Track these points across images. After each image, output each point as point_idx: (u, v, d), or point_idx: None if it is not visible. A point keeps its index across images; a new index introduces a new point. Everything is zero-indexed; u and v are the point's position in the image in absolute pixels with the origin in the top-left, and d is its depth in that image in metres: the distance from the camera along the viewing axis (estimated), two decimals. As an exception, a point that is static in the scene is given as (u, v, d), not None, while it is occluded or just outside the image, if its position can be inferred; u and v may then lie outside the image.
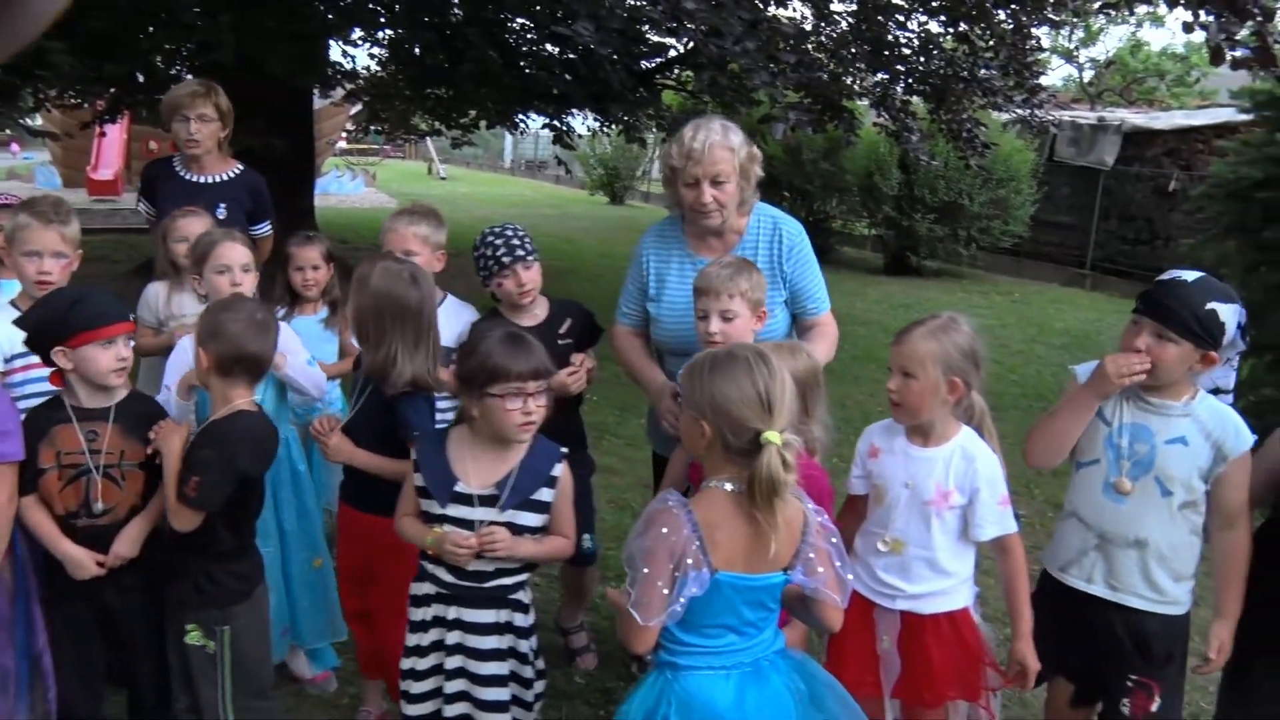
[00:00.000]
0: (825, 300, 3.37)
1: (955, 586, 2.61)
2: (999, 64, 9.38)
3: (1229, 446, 2.47)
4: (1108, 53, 27.56)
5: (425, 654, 2.67)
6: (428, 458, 2.64)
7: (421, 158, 35.40)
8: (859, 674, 2.65)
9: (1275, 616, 2.50)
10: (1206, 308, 2.44)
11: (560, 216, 20.36)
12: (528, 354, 2.53)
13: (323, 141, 17.12)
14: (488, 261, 3.35)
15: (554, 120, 10.36)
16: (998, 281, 14.48)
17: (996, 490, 2.56)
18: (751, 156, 3.18)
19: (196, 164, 4.33)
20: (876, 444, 2.72)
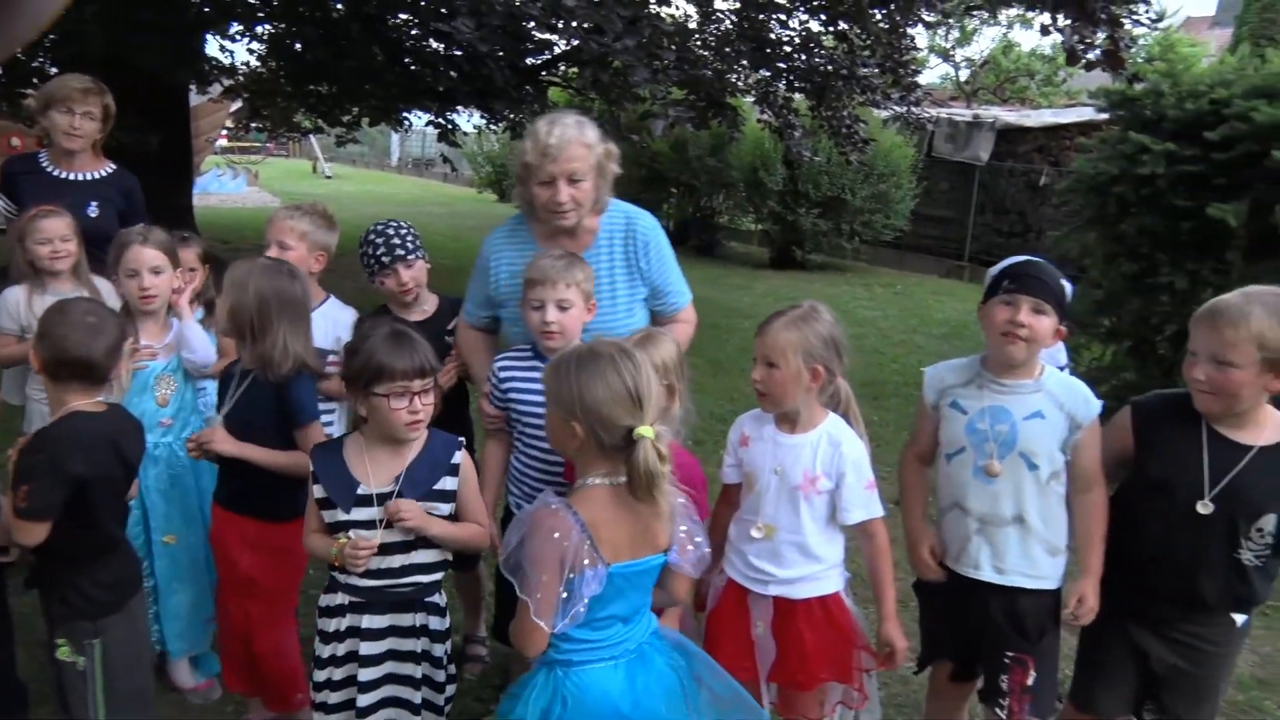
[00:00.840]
0: (686, 293, 3.30)
1: (826, 571, 2.69)
2: (876, 62, 9.64)
3: (1081, 415, 2.61)
4: (982, 53, 28.46)
5: (341, 664, 2.63)
6: (325, 466, 2.61)
7: (306, 156, 34.65)
8: (735, 659, 2.71)
9: (1117, 585, 2.64)
10: (1062, 282, 2.63)
11: (448, 214, 20.17)
12: (411, 351, 2.52)
13: (201, 139, 16.58)
14: (369, 260, 3.36)
15: (438, 118, 10.27)
16: (880, 274, 14.84)
17: (862, 475, 2.65)
18: (609, 154, 3.07)
19: (67, 160, 4.18)
20: (747, 432, 2.78)
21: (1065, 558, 2.71)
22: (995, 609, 2.70)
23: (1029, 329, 2.56)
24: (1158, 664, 2.63)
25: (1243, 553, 2.50)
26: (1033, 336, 2.57)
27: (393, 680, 2.63)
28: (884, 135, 13.40)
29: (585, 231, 3.13)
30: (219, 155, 27.31)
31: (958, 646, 2.86)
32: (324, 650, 2.64)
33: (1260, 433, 2.51)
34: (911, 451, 2.95)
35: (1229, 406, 2.48)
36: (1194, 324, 2.51)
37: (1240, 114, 5.16)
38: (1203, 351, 2.46)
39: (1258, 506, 2.47)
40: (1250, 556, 2.50)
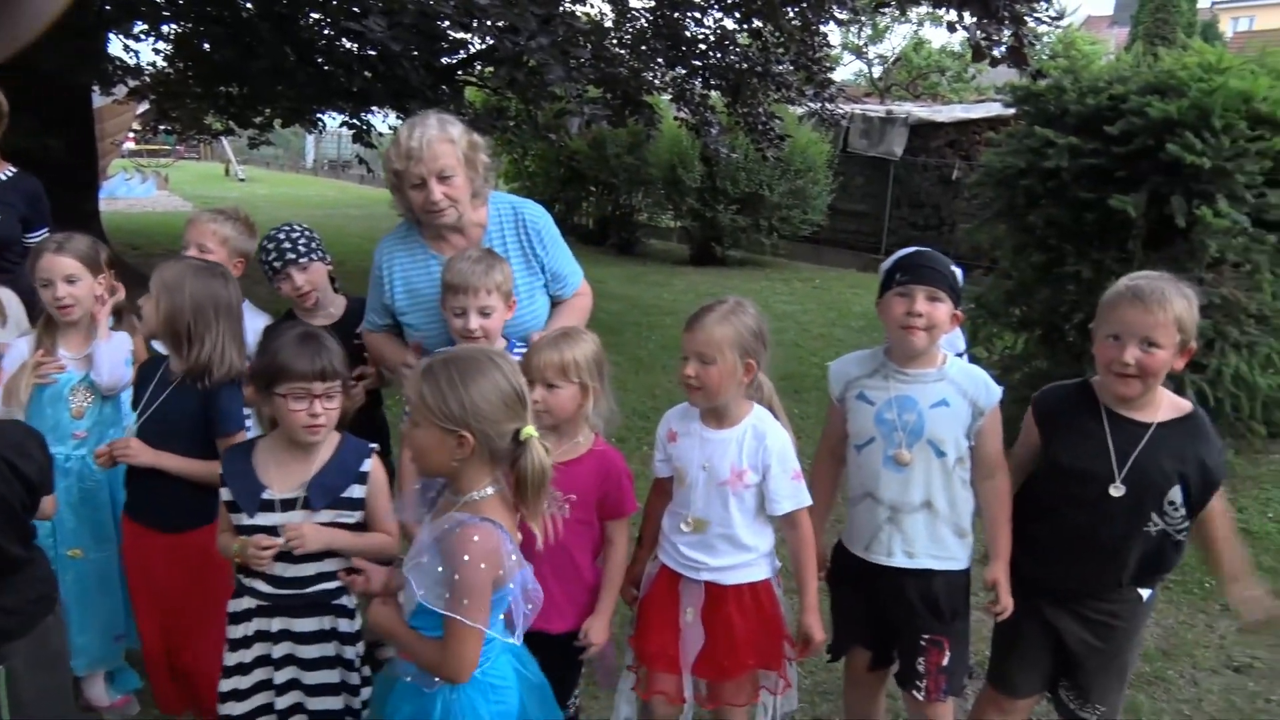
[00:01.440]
0: (578, 272, 3.35)
1: (756, 559, 2.74)
2: (790, 59, 9.75)
3: (983, 401, 2.69)
4: (894, 50, 28.96)
5: (249, 671, 2.57)
6: (234, 469, 2.57)
7: (218, 158, 33.91)
8: (660, 646, 2.76)
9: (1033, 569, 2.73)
10: (952, 268, 2.70)
11: (365, 217, 19.90)
12: (316, 353, 2.48)
13: (107, 142, 16.13)
14: (265, 265, 3.33)
15: (353, 118, 10.12)
16: (799, 269, 15.03)
17: (788, 465, 2.69)
18: (473, 145, 3.07)
19: None
20: (674, 428, 2.81)
21: (971, 539, 2.79)
22: (910, 593, 2.76)
23: (926, 317, 2.62)
24: (1071, 641, 2.71)
25: (1156, 527, 2.58)
26: (931, 324, 2.63)
27: (300, 686, 2.59)
28: (800, 131, 13.56)
29: (473, 226, 3.15)
30: (126, 159, 26.61)
31: (871, 634, 2.92)
32: (230, 658, 2.58)
33: (1156, 411, 2.60)
34: (824, 446, 3.00)
35: (1148, 388, 2.55)
36: (1113, 307, 2.55)
37: (1136, 109, 5.34)
38: (1132, 334, 2.49)
39: (1164, 481, 2.55)
40: (1169, 529, 2.59)
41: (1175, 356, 2.51)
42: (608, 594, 2.77)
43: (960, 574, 2.79)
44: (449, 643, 2.08)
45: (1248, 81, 5.24)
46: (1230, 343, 5.41)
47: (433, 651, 2.12)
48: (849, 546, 2.89)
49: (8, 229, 3.90)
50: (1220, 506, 2.67)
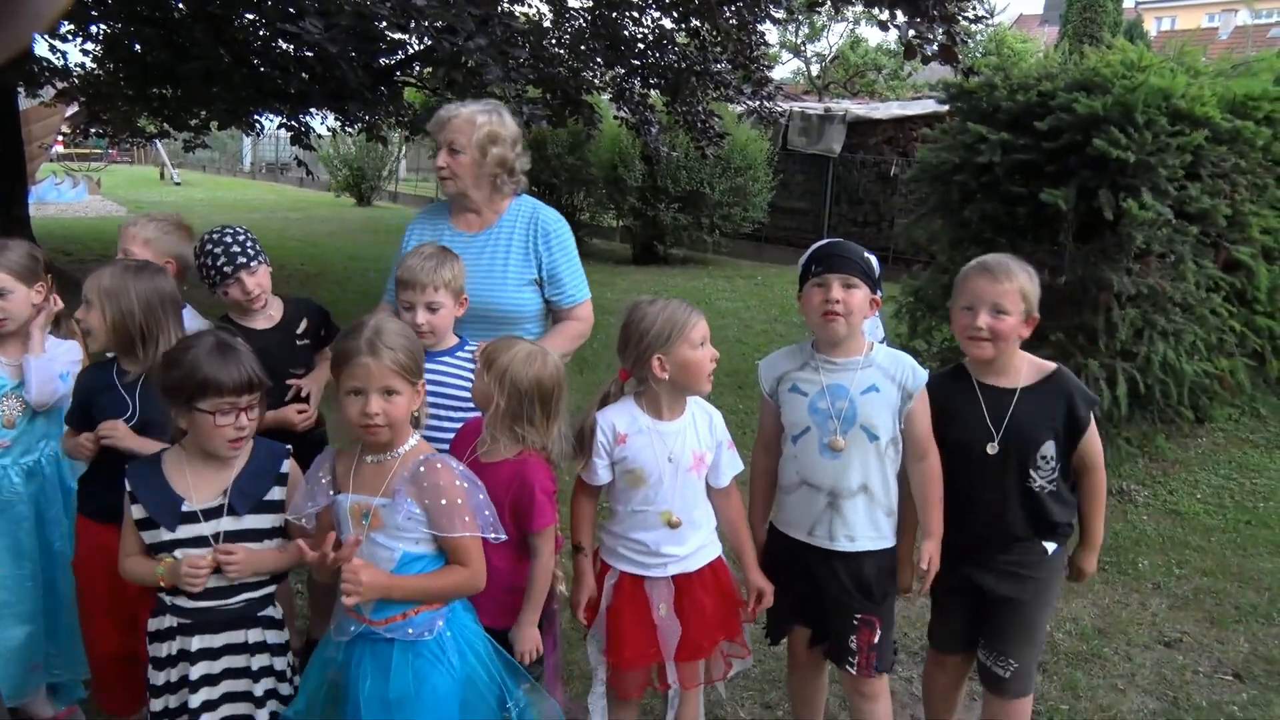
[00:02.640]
0: (583, 290, 3.50)
1: (710, 536, 2.84)
2: (728, 58, 9.84)
3: (910, 384, 2.79)
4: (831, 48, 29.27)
5: (176, 690, 2.49)
6: (144, 485, 2.48)
7: (153, 162, 33.33)
8: (640, 647, 2.78)
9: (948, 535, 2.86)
10: (865, 255, 2.80)
11: (305, 220, 19.72)
12: (238, 365, 2.41)
13: (35, 145, 15.79)
14: (209, 271, 3.21)
15: (290, 120, 10.04)
16: (741, 266, 15.15)
17: (726, 437, 2.83)
18: (491, 137, 3.29)
19: None
20: (622, 431, 2.74)
21: (895, 517, 2.90)
22: (843, 575, 2.84)
23: (843, 303, 2.71)
24: (990, 593, 2.87)
25: (1032, 482, 2.81)
26: (849, 310, 2.72)
27: (232, 700, 2.51)
28: (739, 130, 13.67)
29: (490, 212, 3.42)
30: (55, 163, 26.04)
31: (808, 614, 2.99)
32: (158, 677, 2.51)
33: (1018, 376, 2.84)
34: (759, 441, 3.05)
35: (1000, 351, 2.78)
36: (966, 281, 2.83)
37: (1064, 105, 5.48)
38: (983, 302, 2.76)
39: (1034, 438, 2.79)
40: (1043, 482, 2.81)
41: (1021, 324, 2.77)
42: (531, 605, 2.71)
43: (888, 553, 2.88)
44: (470, 559, 2.38)
45: (1167, 79, 5.40)
46: (1158, 331, 5.57)
47: (454, 575, 2.39)
48: (785, 531, 2.95)
49: None
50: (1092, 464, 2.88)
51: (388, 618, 2.35)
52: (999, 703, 2.96)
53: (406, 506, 2.31)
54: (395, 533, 2.33)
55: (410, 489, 2.31)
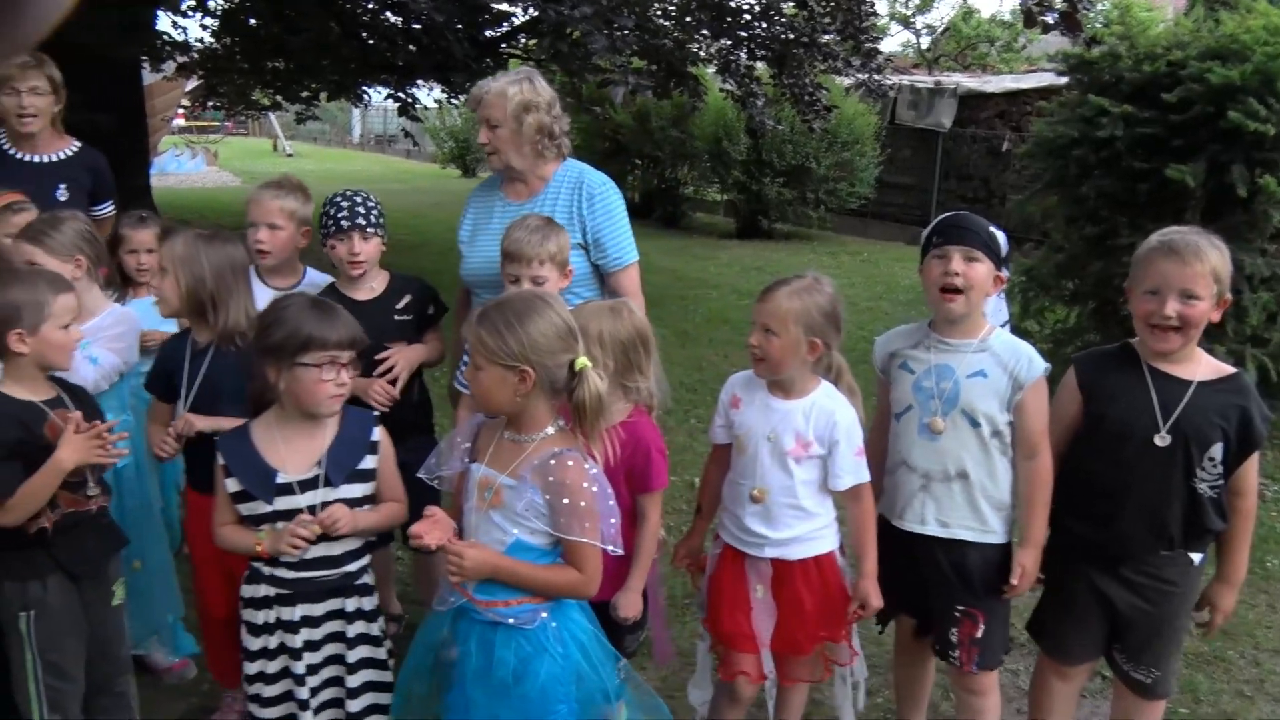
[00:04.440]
0: (626, 252, 3.40)
1: (819, 531, 2.71)
2: (836, 29, 9.61)
3: (1023, 374, 2.63)
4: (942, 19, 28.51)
5: (274, 656, 2.55)
6: (237, 457, 2.50)
7: (266, 134, 34.22)
8: (734, 626, 2.74)
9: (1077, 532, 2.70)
10: (990, 229, 2.65)
11: (408, 191, 20.02)
12: (339, 321, 2.46)
13: (157, 118, 16.32)
14: (328, 221, 3.24)
15: (398, 92, 10.15)
16: (845, 242, 14.87)
17: (853, 441, 2.66)
18: (525, 105, 3.27)
19: (29, 142, 4.06)
20: (738, 394, 2.78)
21: (1010, 513, 2.74)
22: (942, 563, 2.73)
23: (964, 277, 2.59)
24: (1121, 606, 2.68)
25: (1198, 483, 2.58)
26: (969, 284, 2.59)
27: (333, 663, 2.56)
28: (846, 103, 13.39)
29: (536, 179, 3.41)
30: (176, 135, 26.91)
31: (913, 602, 2.89)
32: (253, 643, 2.56)
33: (1196, 368, 2.61)
34: (875, 420, 2.96)
35: (1188, 340, 2.55)
36: (1149, 263, 2.56)
37: (1195, 75, 5.19)
38: (1171, 287, 2.50)
39: (1206, 436, 2.55)
40: (1205, 487, 2.58)
41: (1212, 308, 2.52)
42: (638, 569, 2.74)
43: (996, 548, 2.74)
44: (584, 563, 2.27)
45: (1316, 46, 5.07)
46: (1292, 316, 5.27)
47: (567, 576, 2.29)
48: (885, 514, 2.86)
49: (75, 204, 3.92)
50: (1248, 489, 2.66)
51: (490, 600, 2.31)
52: (1138, 701, 2.79)
53: (530, 494, 2.25)
54: (513, 516, 2.28)
55: (536, 478, 2.24)
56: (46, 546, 2.55)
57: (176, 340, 3.03)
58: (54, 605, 2.57)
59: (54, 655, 2.59)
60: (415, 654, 2.52)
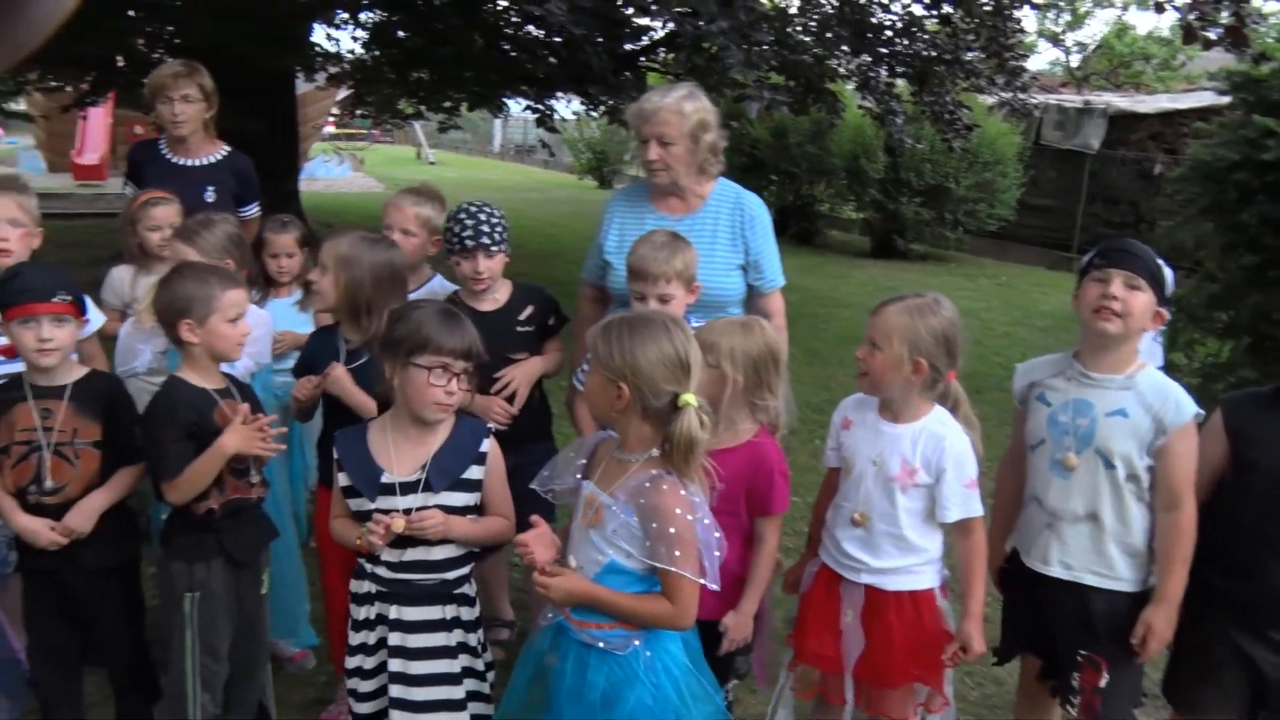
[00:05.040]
0: (779, 275, 3.43)
1: (920, 565, 2.62)
2: (980, 46, 9.37)
3: (1169, 419, 2.46)
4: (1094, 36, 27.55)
5: (372, 652, 2.59)
6: (349, 454, 2.56)
7: (410, 143, 35.29)
8: (820, 646, 2.69)
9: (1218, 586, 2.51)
10: (1158, 261, 2.51)
11: (543, 200, 20.32)
12: (461, 331, 2.48)
13: (308, 126, 17.00)
14: (452, 238, 3.27)
15: (537, 103, 10.32)
16: (983, 264, 14.49)
17: (964, 472, 2.55)
18: (702, 125, 3.23)
19: (182, 146, 4.28)
20: (849, 416, 2.74)
21: (1147, 561, 2.58)
22: (1066, 605, 2.61)
23: (1122, 303, 2.45)
24: (1268, 669, 2.49)
25: None
26: (1127, 311, 2.46)
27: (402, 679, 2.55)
28: (989, 122, 13.05)
29: (694, 196, 3.36)
30: (326, 142, 27.97)
31: (1039, 642, 2.76)
32: (354, 638, 2.62)
33: None
34: (1009, 452, 2.86)
35: None
36: None
37: (1373, 96, 4.88)
38: None
39: None
40: None
41: None
42: (751, 592, 2.70)
43: (1126, 596, 2.58)
44: (676, 595, 2.19)
45: None
46: None
47: (657, 607, 2.23)
48: (1019, 550, 2.76)
49: (222, 207, 4.10)
50: None
51: (583, 621, 2.30)
52: None
53: (624, 515, 2.22)
54: (609, 536, 2.25)
55: (630, 499, 2.21)
56: (215, 531, 2.69)
57: (325, 334, 3.12)
58: (215, 589, 2.70)
59: (211, 637, 2.71)
60: (522, 663, 2.53)
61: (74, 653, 2.91)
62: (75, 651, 2.90)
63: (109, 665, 2.98)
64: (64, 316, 2.68)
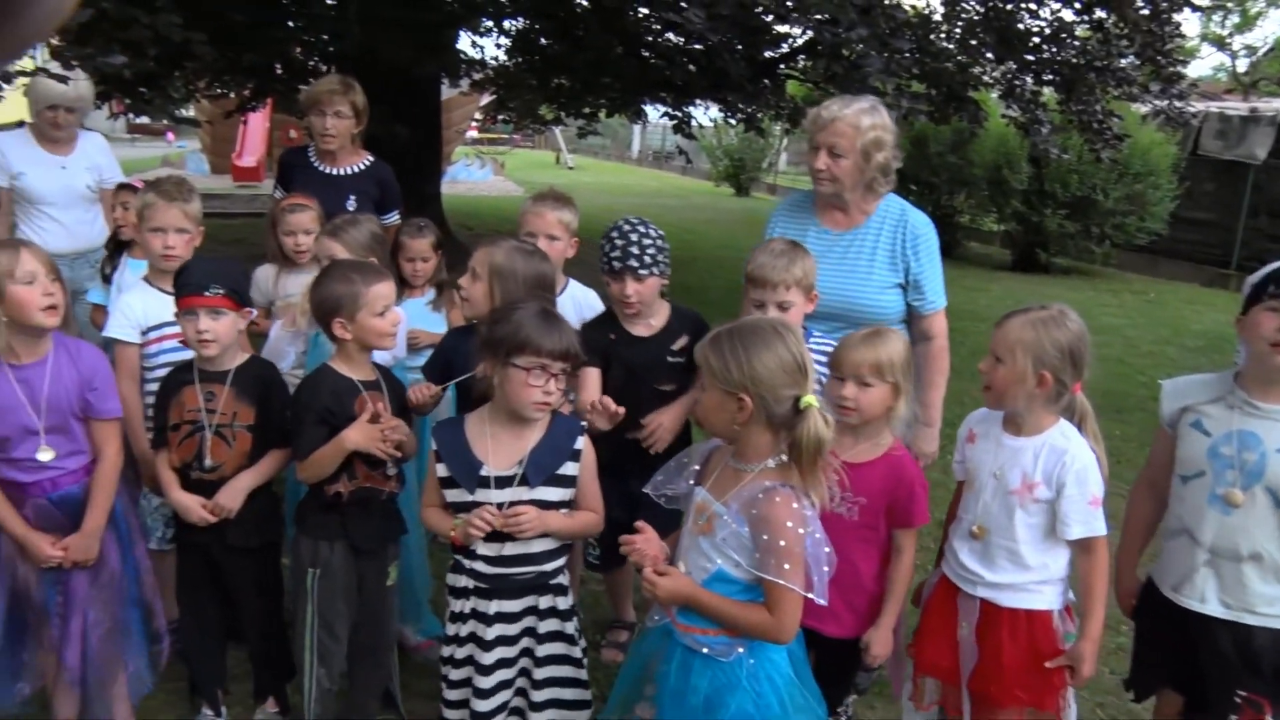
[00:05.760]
0: (940, 297, 3.36)
1: (1037, 584, 2.55)
2: (1134, 52, 8.99)
3: None
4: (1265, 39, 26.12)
5: (463, 644, 2.66)
6: (448, 445, 2.63)
7: (550, 147, 35.88)
8: (935, 656, 2.67)
9: None
10: None
11: (682, 207, 20.38)
12: (560, 333, 2.52)
13: (452, 131, 17.48)
14: (604, 257, 3.23)
15: (674, 110, 10.38)
16: (1131, 280, 13.92)
17: (1087, 489, 2.47)
18: (877, 142, 3.19)
19: (330, 157, 4.49)
20: (974, 430, 2.71)
21: None
22: (1223, 643, 2.47)
23: None
24: None
25: None
26: None
27: (525, 656, 2.64)
28: (1141, 131, 12.51)
29: (858, 211, 3.34)
30: (469, 146, 28.68)
31: (1182, 679, 2.64)
32: (450, 629, 2.70)
33: None
34: (1144, 474, 2.74)
35: None
36: None
37: None
38: None
39: None
40: None
41: None
42: (891, 605, 2.71)
43: None
44: (777, 607, 2.18)
45: None
46: None
47: (757, 616, 2.21)
48: (1157, 583, 2.63)
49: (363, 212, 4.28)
50: None
51: (688, 625, 2.32)
52: None
53: (734, 524, 2.22)
54: (719, 544, 2.26)
55: (743, 509, 2.22)
56: (340, 514, 2.83)
57: (462, 334, 3.21)
58: (335, 569, 2.84)
59: (329, 614, 2.85)
60: (630, 662, 2.58)
61: (220, 627, 3.10)
62: (221, 626, 3.10)
63: (249, 641, 3.15)
64: (221, 310, 2.86)
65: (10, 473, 2.74)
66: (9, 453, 2.72)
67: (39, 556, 2.73)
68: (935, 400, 3.35)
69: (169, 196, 3.36)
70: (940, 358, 3.36)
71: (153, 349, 3.31)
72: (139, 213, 3.43)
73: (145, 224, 3.37)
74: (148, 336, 3.31)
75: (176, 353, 3.20)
